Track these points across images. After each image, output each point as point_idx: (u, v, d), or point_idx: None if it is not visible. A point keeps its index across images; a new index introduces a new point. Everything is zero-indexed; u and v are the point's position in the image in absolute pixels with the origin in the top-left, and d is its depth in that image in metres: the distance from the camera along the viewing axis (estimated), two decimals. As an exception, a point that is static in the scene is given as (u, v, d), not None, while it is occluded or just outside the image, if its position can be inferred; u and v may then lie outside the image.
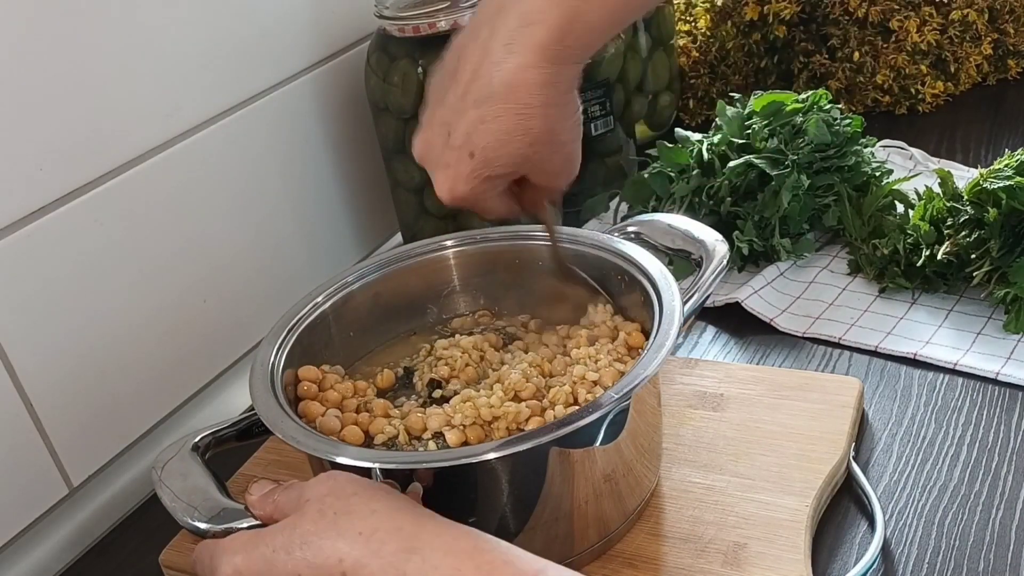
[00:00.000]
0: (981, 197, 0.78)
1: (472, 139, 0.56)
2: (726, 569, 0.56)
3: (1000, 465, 0.63)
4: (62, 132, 0.67)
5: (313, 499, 0.47)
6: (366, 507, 0.45)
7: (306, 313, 0.65)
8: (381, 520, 0.45)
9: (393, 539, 0.44)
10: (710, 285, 0.63)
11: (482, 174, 0.58)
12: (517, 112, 0.55)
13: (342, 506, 0.46)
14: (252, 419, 0.59)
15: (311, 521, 0.45)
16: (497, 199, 0.61)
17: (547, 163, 0.59)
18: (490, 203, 0.61)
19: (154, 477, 0.55)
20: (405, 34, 0.82)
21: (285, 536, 0.46)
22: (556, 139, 0.58)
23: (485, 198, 0.60)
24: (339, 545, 0.44)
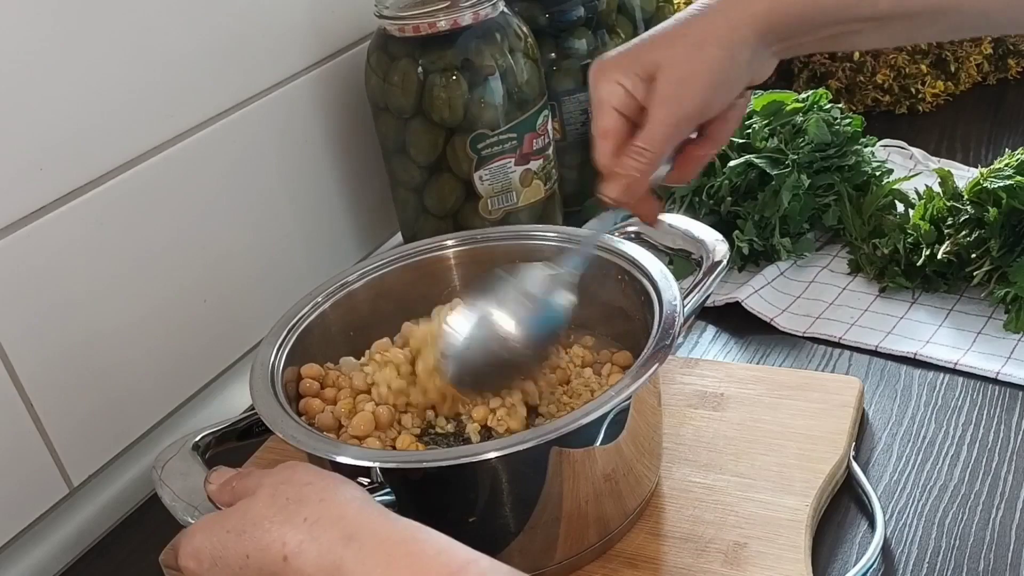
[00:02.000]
0: (981, 196, 0.78)
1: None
2: (726, 569, 0.56)
3: (1000, 465, 0.63)
4: (62, 132, 0.67)
5: (267, 485, 0.48)
6: (316, 495, 0.47)
7: (307, 312, 0.65)
8: (327, 508, 0.46)
9: (335, 527, 0.45)
10: (710, 284, 0.63)
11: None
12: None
13: (294, 493, 0.47)
14: (253, 419, 0.60)
15: (263, 505, 0.47)
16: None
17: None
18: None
19: (154, 476, 0.56)
20: (405, 34, 0.82)
21: (237, 518, 0.47)
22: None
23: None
24: (284, 530, 0.45)
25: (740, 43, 0.59)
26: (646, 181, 0.61)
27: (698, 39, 0.59)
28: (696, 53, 0.59)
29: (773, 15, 0.58)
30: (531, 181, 0.87)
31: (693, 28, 0.60)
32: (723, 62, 0.59)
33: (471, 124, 0.83)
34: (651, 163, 0.60)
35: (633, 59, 0.61)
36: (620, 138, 0.61)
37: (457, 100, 0.82)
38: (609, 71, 0.61)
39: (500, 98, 0.84)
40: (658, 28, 0.62)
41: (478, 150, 0.84)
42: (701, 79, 0.59)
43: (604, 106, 0.61)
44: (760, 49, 0.60)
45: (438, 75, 0.82)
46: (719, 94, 0.60)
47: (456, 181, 0.86)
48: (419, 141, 0.85)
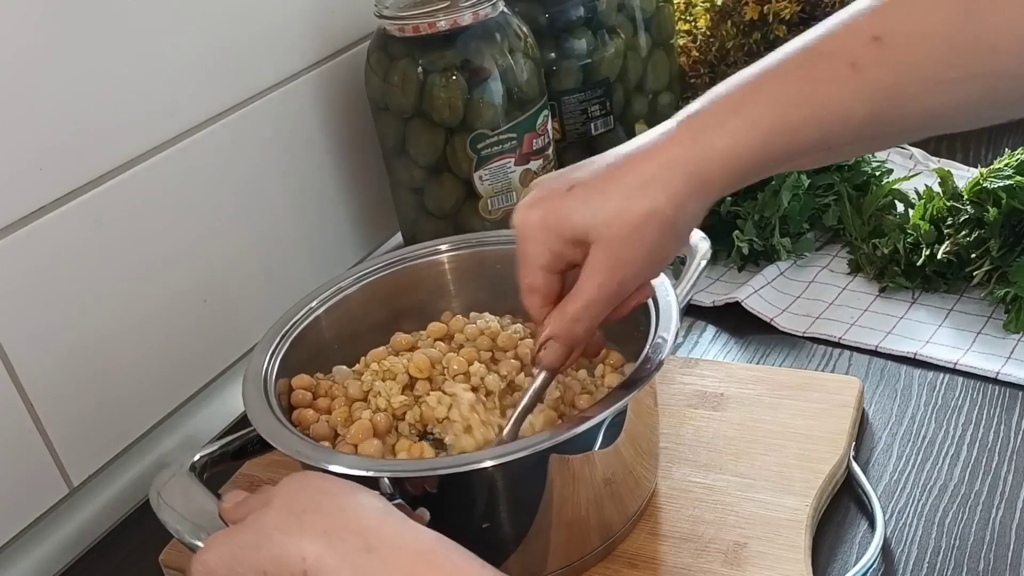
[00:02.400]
0: (981, 196, 0.78)
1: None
2: (726, 569, 0.56)
3: (1000, 465, 0.63)
4: (62, 132, 0.67)
5: (281, 495, 0.47)
6: (334, 504, 0.45)
7: (300, 319, 0.65)
8: (346, 518, 0.45)
9: (354, 537, 0.44)
10: (696, 281, 0.63)
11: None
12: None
13: (310, 503, 0.46)
14: (248, 437, 0.59)
15: (277, 516, 0.46)
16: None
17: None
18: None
19: (155, 502, 0.54)
20: (405, 34, 0.82)
21: (252, 532, 0.46)
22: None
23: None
24: (302, 542, 0.44)
25: (686, 196, 0.51)
26: (586, 341, 0.56)
27: (636, 192, 0.51)
28: (635, 208, 0.51)
29: (735, 162, 0.51)
30: (531, 181, 0.87)
31: (629, 177, 0.52)
32: (665, 221, 0.52)
33: (471, 124, 0.83)
34: (590, 328, 0.55)
35: (562, 221, 0.53)
36: (550, 293, 0.55)
37: (457, 100, 0.82)
38: (535, 232, 0.54)
39: (500, 98, 0.84)
40: (592, 170, 0.54)
41: (478, 150, 0.84)
42: (639, 244, 0.52)
43: (530, 265, 0.55)
44: (711, 197, 0.53)
45: (438, 75, 0.82)
46: (662, 254, 0.54)
47: (456, 181, 0.86)
48: (419, 141, 0.85)
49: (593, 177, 0.53)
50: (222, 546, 0.46)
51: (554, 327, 0.55)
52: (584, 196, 0.53)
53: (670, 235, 0.53)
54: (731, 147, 0.50)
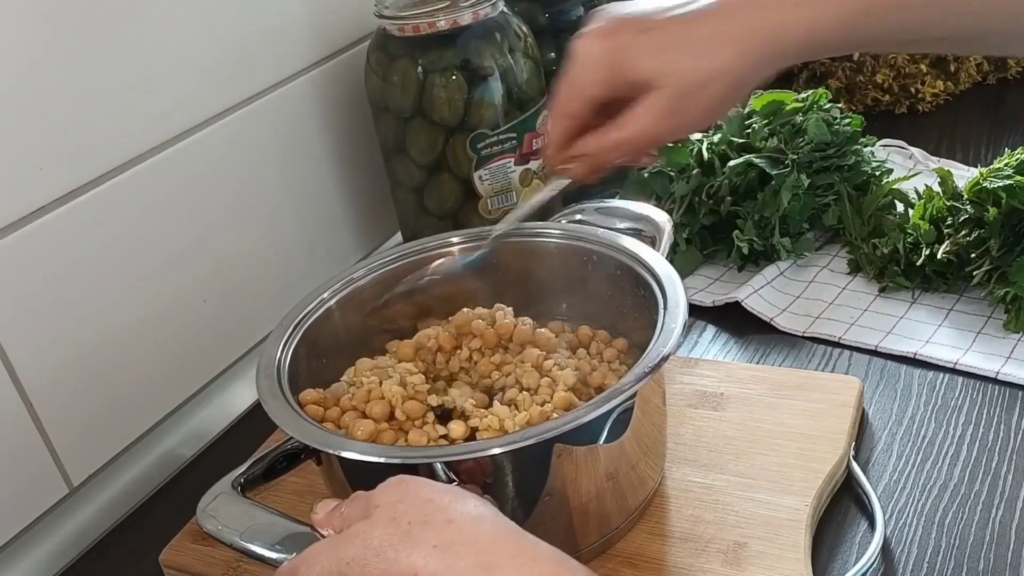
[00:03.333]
0: (981, 196, 0.78)
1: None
2: (726, 568, 0.56)
3: (1000, 464, 0.63)
4: (62, 132, 0.67)
5: (384, 506, 0.44)
6: (442, 516, 0.43)
7: (312, 309, 0.65)
8: (458, 531, 0.42)
9: (469, 553, 0.41)
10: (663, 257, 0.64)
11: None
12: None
13: (416, 514, 0.43)
14: (273, 455, 0.57)
15: (384, 529, 0.43)
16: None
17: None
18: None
19: (210, 526, 0.52)
20: (405, 33, 0.82)
21: (357, 547, 0.43)
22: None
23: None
24: (414, 558, 0.41)
25: (760, 60, 0.53)
26: (605, 171, 0.59)
27: (711, 48, 0.52)
28: (706, 65, 0.52)
29: (815, 35, 0.51)
30: (531, 181, 0.87)
31: (706, 30, 0.53)
32: (733, 81, 0.53)
33: (471, 124, 0.83)
34: (620, 159, 0.58)
35: (631, 60, 0.54)
36: (582, 125, 0.57)
37: (457, 100, 0.82)
38: (598, 62, 0.55)
39: (500, 98, 0.84)
40: (669, 15, 0.54)
41: (478, 150, 0.84)
42: (703, 99, 0.54)
43: (578, 91, 0.57)
44: (782, 64, 0.54)
45: (438, 75, 0.82)
46: (721, 110, 0.56)
47: (456, 181, 0.86)
48: (419, 141, 0.85)
49: (670, 23, 0.54)
50: (326, 560, 0.44)
51: (594, 147, 0.57)
52: (659, 41, 0.53)
53: (734, 94, 0.55)
54: (816, 20, 0.51)
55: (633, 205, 0.71)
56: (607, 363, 0.65)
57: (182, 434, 0.78)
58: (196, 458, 0.78)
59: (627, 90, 0.55)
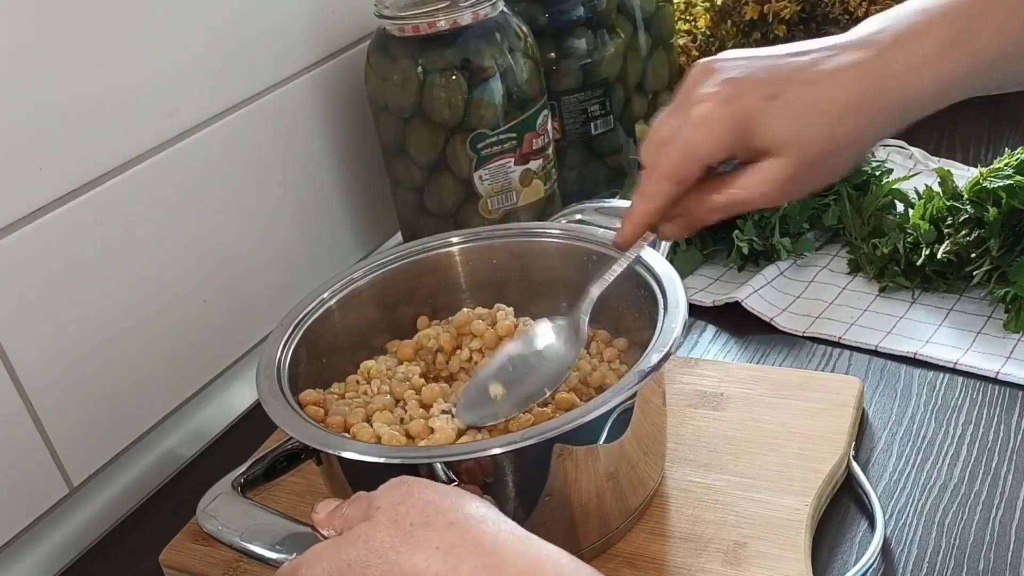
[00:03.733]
0: (981, 196, 0.78)
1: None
2: (726, 568, 0.56)
3: (1000, 464, 0.63)
4: (62, 132, 0.67)
5: (385, 507, 0.44)
6: (444, 518, 0.43)
7: (312, 309, 0.65)
8: (460, 533, 0.42)
9: (472, 555, 0.41)
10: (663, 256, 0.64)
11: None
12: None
13: (417, 516, 0.43)
14: (274, 455, 0.57)
15: (385, 531, 0.43)
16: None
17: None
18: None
19: (210, 526, 0.52)
20: (405, 33, 0.82)
21: (359, 548, 0.43)
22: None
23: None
24: (416, 559, 0.41)
25: (890, 124, 0.50)
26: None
27: (842, 117, 0.50)
28: (836, 134, 0.50)
29: (949, 93, 0.49)
30: (531, 181, 0.87)
31: (837, 95, 0.50)
32: (861, 148, 0.52)
33: (471, 124, 0.83)
34: (715, 220, 0.55)
35: (759, 128, 0.51)
36: (688, 186, 0.54)
37: (457, 100, 0.82)
38: (719, 128, 0.52)
39: (500, 98, 0.84)
40: (795, 79, 0.51)
41: (478, 150, 0.84)
42: (828, 169, 0.52)
43: (692, 157, 0.53)
44: (905, 124, 0.51)
45: (438, 75, 0.82)
46: (838, 176, 0.54)
47: (456, 181, 0.86)
48: (419, 141, 0.85)
49: (802, 82, 0.51)
50: (327, 562, 0.44)
51: (695, 210, 0.55)
52: (789, 110, 0.51)
53: (860, 159, 0.55)
54: (952, 77, 0.49)
55: None
56: (607, 363, 0.65)
57: (182, 434, 0.78)
58: (196, 458, 0.78)
59: (749, 154, 0.53)
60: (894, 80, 0.50)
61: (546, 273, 0.70)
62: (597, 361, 0.65)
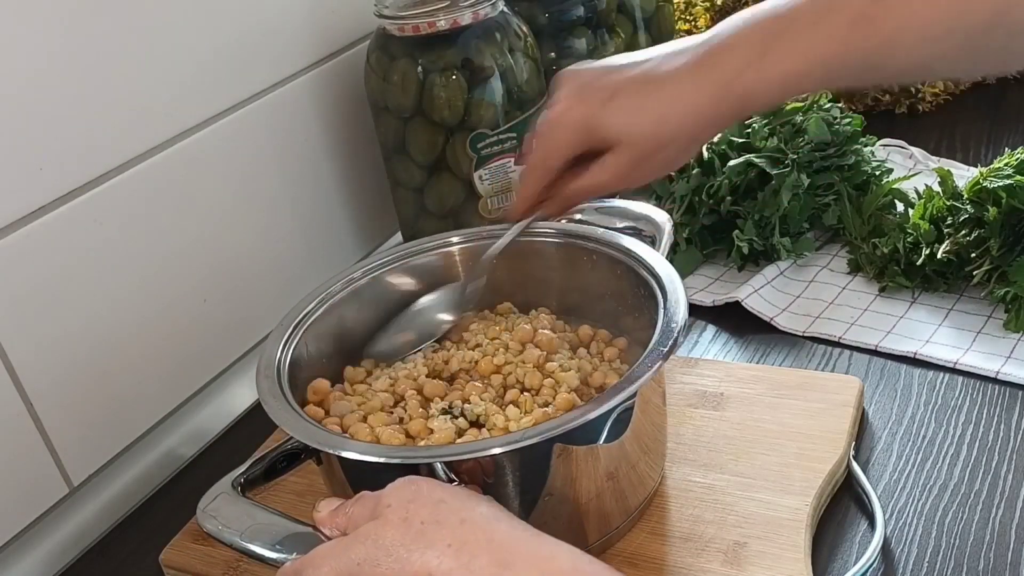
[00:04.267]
0: (981, 196, 0.78)
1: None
2: (726, 568, 0.56)
3: (1000, 464, 0.63)
4: (62, 132, 0.67)
5: (395, 505, 0.44)
6: (455, 516, 0.43)
7: (312, 309, 0.65)
8: (471, 531, 0.42)
9: (484, 552, 0.41)
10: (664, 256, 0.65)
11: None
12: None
13: (429, 514, 0.43)
14: (274, 455, 0.57)
15: (396, 529, 0.43)
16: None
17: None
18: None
19: (211, 526, 0.52)
20: (405, 33, 0.82)
21: (368, 547, 0.43)
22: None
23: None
24: (428, 557, 0.41)
25: (714, 119, 0.58)
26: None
27: (666, 115, 0.58)
28: (661, 131, 0.59)
29: (787, 86, 0.56)
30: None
31: (668, 93, 0.58)
32: (692, 139, 0.60)
33: (471, 124, 0.83)
34: (577, 204, 0.66)
35: (601, 125, 0.60)
36: (553, 177, 0.64)
37: (457, 100, 0.82)
38: (570, 129, 0.62)
39: (500, 98, 0.84)
40: (633, 76, 0.60)
41: (478, 150, 0.84)
42: (663, 156, 0.60)
43: (553, 154, 0.63)
44: (731, 123, 0.63)
45: (438, 75, 0.82)
46: (677, 165, 0.63)
47: (456, 181, 0.86)
48: (419, 141, 0.85)
49: (634, 85, 0.60)
50: (335, 561, 0.43)
51: (565, 191, 0.65)
52: (625, 107, 0.59)
53: (689, 151, 0.62)
54: (754, 83, 0.56)
55: (633, 205, 0.71)
56: (607, 363, 0.65)
57: (182, 434, 0.78)
58: (196, 458, 0.78)
59: (598, 146, 0.62)
60: (714, 80, 0.57)
61: (546, 273, 0.70)
62: (598, 361, 0.65)
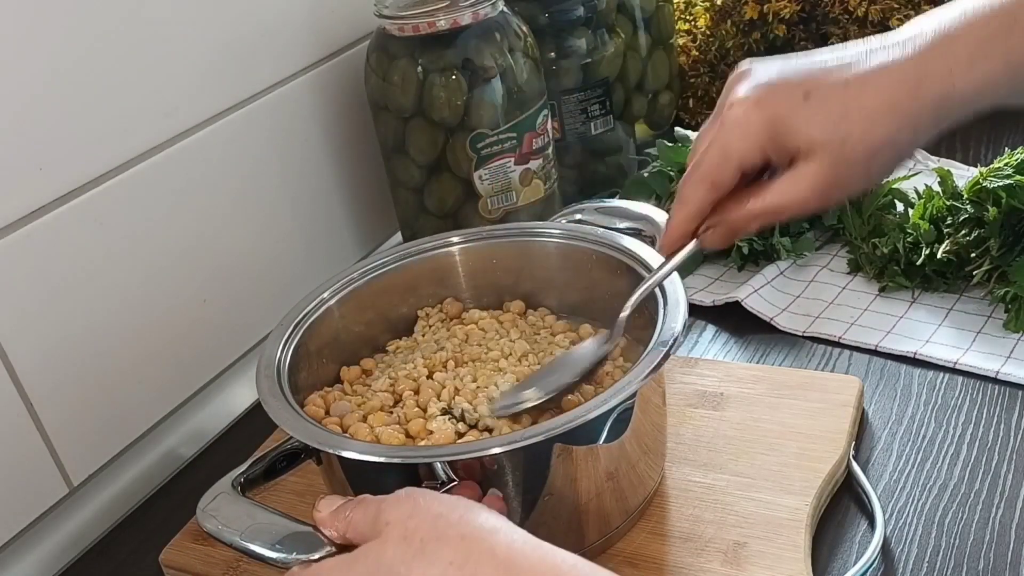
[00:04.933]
0: (981, 196, 0.78)
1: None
2: (726, 568, 0.56)
3: (1000, 464, 0.63)
4: (62, 132, 0.67)
5: (394, 522, 0.43)
6: (455, 531, 0.42)
7: (312, 309, 0.66)
8: (473, 546, 0.41)
9: (487, 566, 0.40)
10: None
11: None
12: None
13: (428, 530, 0.42)
14: (273, 456, 0.57)
15: (396, 547, 0.42)
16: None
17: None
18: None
19: (211, 526, 0.51)
20: (405, 33, 0.82)
21: (370, 566, 0.42)
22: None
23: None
24: (430, 575, 0.41)
25: (928, 127, 0.50)
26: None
27: (878, 119, 0.50)
28: (872, 137, 0.50)
29: (984, 94, 0.50)
30: (531, 181, 0.87)
31: (872, 99, 0.50)
32: (899, 151, 0.52)
33: (471, 124, 0.83)
34: (760, 228, 0.56)
35: (793, 130, 0.51)
36: (726, 189, 0.54)
37: (457, 100, 0.82)
38: (754, 131, 0.52)
39: (500, 98, 0.84)
40: (830, 80, 0.51)
41: (478, 150, 0.84)
42: (865, 171, 0.52)
43: (729, 160, 0.53)
44: (945, 126, 0.51)
45: (438, 75, 0.82)
46: (879, 180, 0.55)
47: (456, 181, 0.86)
48: (419, 141, 0.85)
49: (833, 89, 0.51)
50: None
51: (734, 215, 0.55)
52: (823, 111, 0.51)
53: (898, 163, 0.53)
54: (988, 78, 0.50)
55: (633, 205, 0.71)
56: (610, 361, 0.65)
57: (182, 434, 0.78)
58: (196, 458, 0.78)
59: (779, 158, 0.53)
60: (928, 82, 0.50)
61: (546, 273, 0.70)
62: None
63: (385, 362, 0.68)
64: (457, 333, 0.68)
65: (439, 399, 0.61)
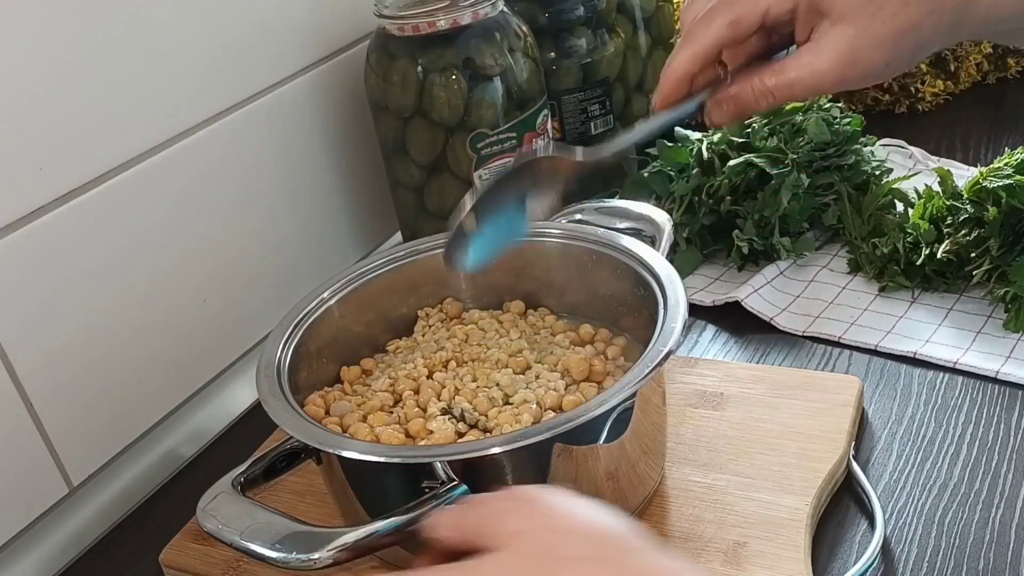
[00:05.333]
0: (981, 196, 0.78)
1: None
2: (726, 568, 0.56)
3: (1000, 464, 0.63)
4: (62, 132, 0.67)
5: (518, 535, 0.39)
6: (584, 549, 0.38)
7: (312, 309, 0.66)
8: (612, 569, 0.38)
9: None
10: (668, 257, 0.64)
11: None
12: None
13: (561, 548, 0.38)
14: (273, 455, 0.57)
15: (522, 564, 0.38)
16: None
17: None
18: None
19: (211, 525, 0.51)
20: (405, 33, 0.82)
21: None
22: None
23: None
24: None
25: (948, 28, 0.49)
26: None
27: (908, 2, 0.48)
28: (902, 17, 0.48)
29: (1000, 8, 0.48)
30: (531, 181, 0.87)
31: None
32: (923, 40, 0.49)
33: (471, 123, 0.83)
34: (772, 105, 0.51)
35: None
36: (742, 37, 0.51)
37: (457, 100, 0.82)
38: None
39: (500, 97, 0.84)
40: None
41: (478, 149, 0.84)
42: (888, 53, 0.49)
43: (756, 8, 0.50)
44: (957, 35, 0.50)
45: (438, 75, 0.82)
46: (891, 74, 0.51)
47: (456, 181, 0.86)
48: (419, 141, 0.85)
49: None
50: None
51: (746, 92, 0.52)
52: None
53: (914, 56, 0.50)
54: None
55: (633, 205, 0.71)
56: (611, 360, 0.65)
57: (182, 434, 0.78)
58: (196, 458, 0.78)
59: (805, 23, 0.50)
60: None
61: (546, 273, 0.70)
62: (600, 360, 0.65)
63: (385, 362, 0.68)
64: (457, 333, 0.68)
65: (439, 399, 0.61)
